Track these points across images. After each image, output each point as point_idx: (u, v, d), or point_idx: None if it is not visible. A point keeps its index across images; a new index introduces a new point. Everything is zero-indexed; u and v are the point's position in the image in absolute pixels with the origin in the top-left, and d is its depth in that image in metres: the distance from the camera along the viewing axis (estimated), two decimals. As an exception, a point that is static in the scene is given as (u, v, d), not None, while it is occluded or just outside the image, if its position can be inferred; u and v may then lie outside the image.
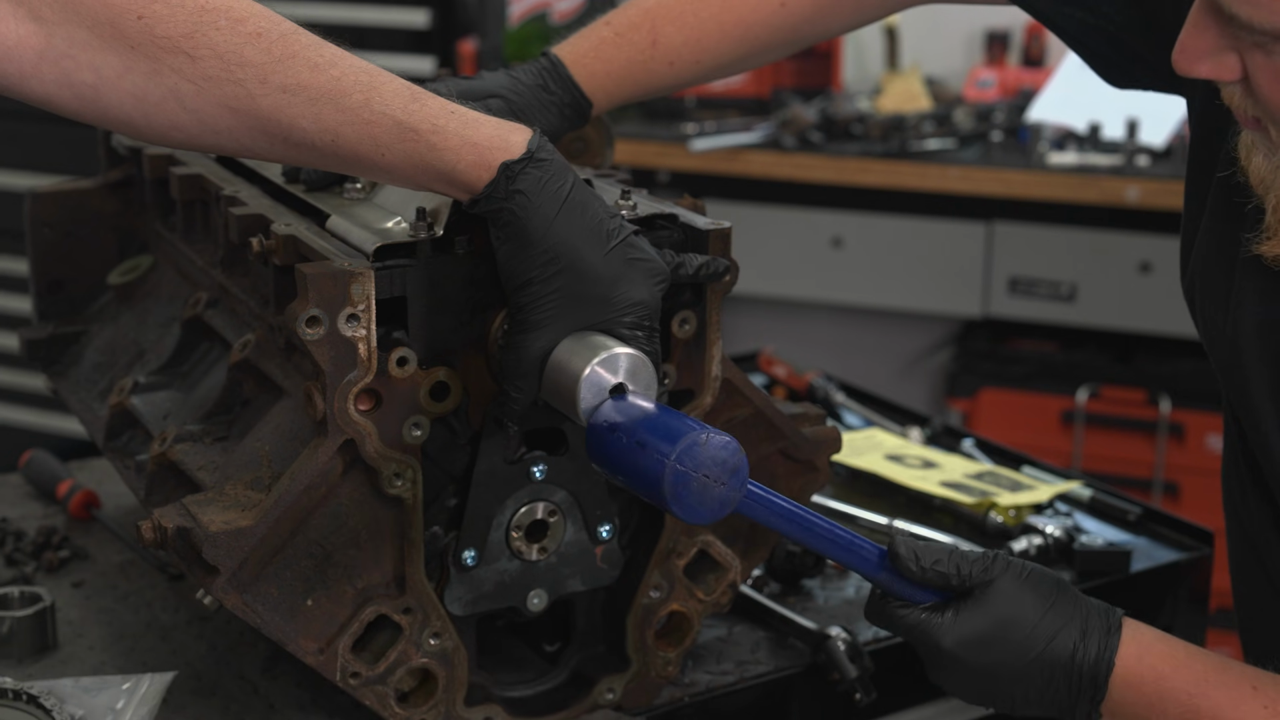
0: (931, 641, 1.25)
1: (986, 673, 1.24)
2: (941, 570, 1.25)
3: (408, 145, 1.18)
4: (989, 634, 1.23)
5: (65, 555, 1.75)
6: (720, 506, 1.16)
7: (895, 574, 1.26)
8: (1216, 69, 1.15)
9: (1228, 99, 1.18)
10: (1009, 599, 1.24)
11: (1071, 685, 1.24)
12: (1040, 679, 1.24)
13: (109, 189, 1.77)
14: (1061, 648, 1.23)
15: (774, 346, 2.43)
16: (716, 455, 1.14)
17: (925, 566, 1.25)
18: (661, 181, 3.71)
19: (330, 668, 1.30)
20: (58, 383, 1.73)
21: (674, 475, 1.13)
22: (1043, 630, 1.23)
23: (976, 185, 3.51)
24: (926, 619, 1.25)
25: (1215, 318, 1.33)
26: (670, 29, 1.59)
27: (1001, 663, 1.23)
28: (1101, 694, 1.23)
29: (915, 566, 1.25)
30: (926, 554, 1.25)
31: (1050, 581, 1.26)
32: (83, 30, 1.11)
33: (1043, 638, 1.23)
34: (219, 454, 1.39)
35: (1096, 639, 1.24)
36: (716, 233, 1.36)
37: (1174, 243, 1.43)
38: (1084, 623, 1.24)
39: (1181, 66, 1.16)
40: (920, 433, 2.16)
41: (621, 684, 1.44)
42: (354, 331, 1.23)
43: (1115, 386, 3.60)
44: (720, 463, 1.14)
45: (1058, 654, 1.23)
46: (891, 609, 1.27)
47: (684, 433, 1.14)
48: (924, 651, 1.27)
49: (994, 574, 1.25)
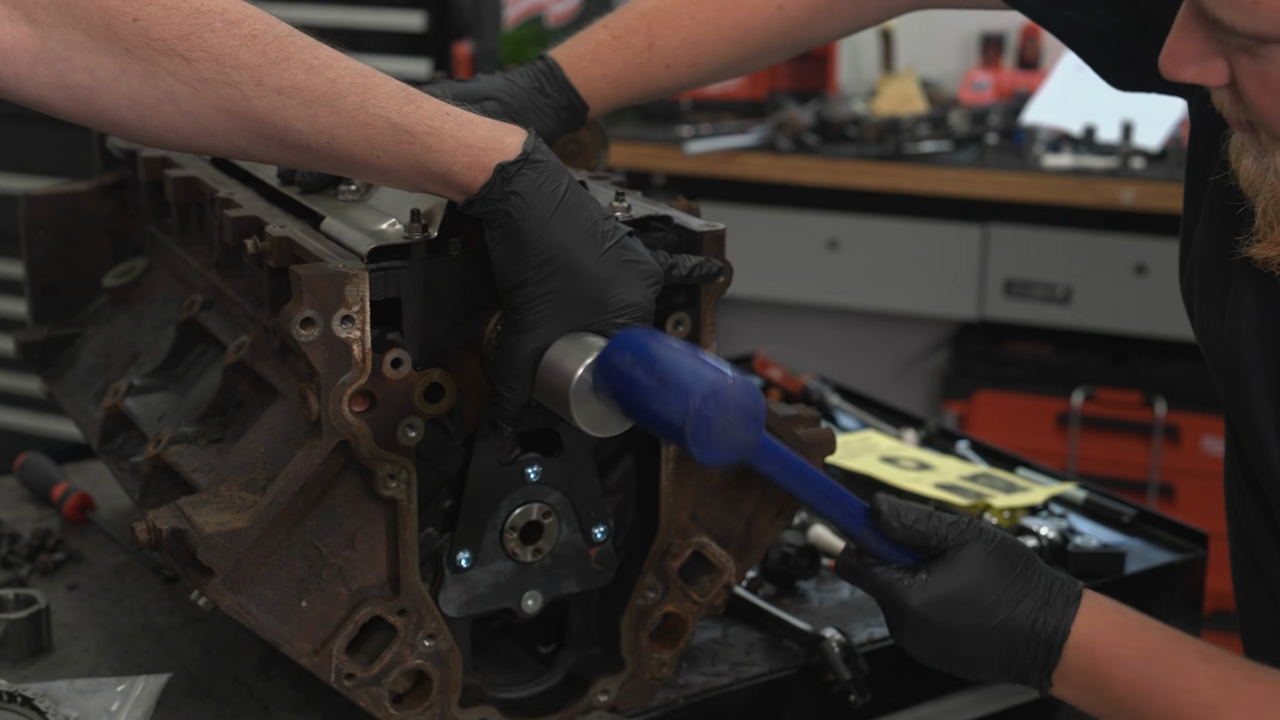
0: (900, 600, 1.26)
1: (949, 635, 1.26)
2: (920, 530, 1.26)
3: (403, 147, 1.18)
4: (956, 596, 1.25)
5: (60, 558, 1.75)
6: (737, 450, 1.17)
7: (876, 531, 1.28)
8: (1203, 73, 1.15)
9: (1217, 103, 1.19)
10: (978, 564, 1.26)
11: (1028, 652, 1.25)
12: (1001, 644, 1.25)
13: (104, 191, 1.77)
14: (1023, 615, 1.25)
15: (769, 349, 2.43)
16: (740, 401, 1.15)
17: (906, 524, 1.26)
18: (657, 184, 3.71)
19: (325, 669, 1.30)
20: (53, 385, 1.73)
21: (697, 417, 1.13)
22: (1007, 597, 1.25)
23: (972, 188, 3.51)
24: (899, 578, 1.26)
25: (1212, 321, 1.33)
26: (667, 32, 1.59)
27: (966, 626, 1.25)
28: (1055, 661, 1.25)
29: (896, 524, 1.26)
30: (908, 513, 1.27)
31: (1018, 550, 1.28)
32: (77, 33, 1.11)
33: (1007, 604, 1.25)
34: (214, 456, 1.39)
35: (1057, 609, 1.25)
36: (711, 234, 1.36)
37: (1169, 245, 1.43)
38: (1046, 592, 1.26)
39: (1168, 71, 1.16)
40: (915, 435, 2.16)
41: (616, 685, 1.44)
42: (348, 333, 1.23)
43: (1110, 389, 3.61)
44: (742, 408, 1.15)
45: (1019, 621, 1.25)
46: (865, 566, 1.29)
47: (709, 375, 1.15)
48: (891, 610, 1.28)
49: (967, 538, 1.27)
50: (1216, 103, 1.19)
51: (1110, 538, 1.85)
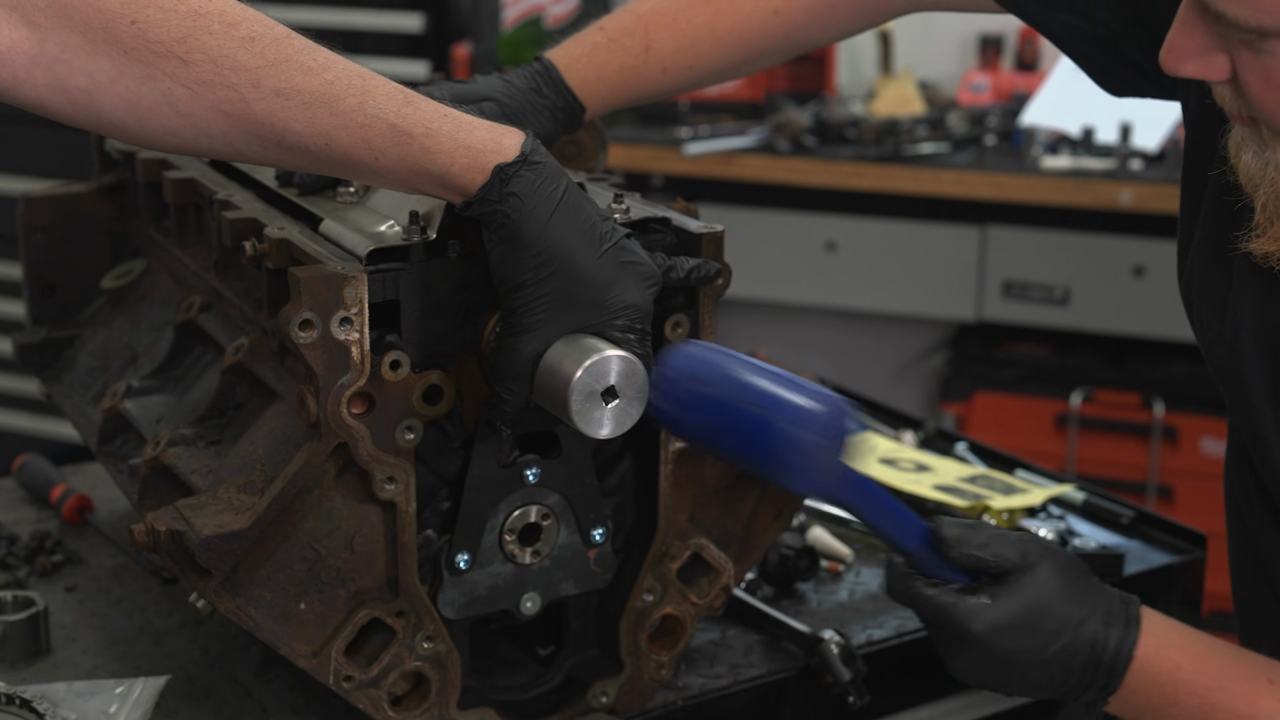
0: (960, 624, 1.22)
1: (1008, 659, 1.22)
2: (980, 555, 1.22)
3: (401, 148, 1.18)
4: (1022, 621, 1.21)
5: (58, 559, 1.75)
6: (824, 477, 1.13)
7: (934, 552, 1.23)
8: (1205, 68, 1.15)
9: (1218, 98, 1.19)
10: (1043, 586, 1.22)
11: (1088, 674, 1.23)
12: (1060, 668, 1.22)
13: (102, 193, 1.76)
14: (1085, 637, 1.22)
15: (768, 350, 2.43)
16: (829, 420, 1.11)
17: (969, 551, 1.22)
18: (655, 185, 3.71)
19: (323, 671, 1.30)
20: (51, 387, 1.73)
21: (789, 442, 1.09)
22: (1071, 619, 1.22)
23: (970, 189, 3.51)
24: (958, 601, 1.22)
25: (1213, 320, 1.33)
26: (664, 35, 1.59)
27: (1028, 650, 1.22)
28: (1116, 684, 1.23)
29: (958, 553, 1.22)
30: (970, 538, 1.22)
31: (1077, 568, 1.25)
32: (76, 35, 1.11)
33: (1070, 626, 1.22)
34: (212, 458, 1.39)
35: (1118, 630, 1.22)
36: (709, 236, 1.36)
37: (1167, 246, 1.43)
38: (1107, 613, 1.23)
39: (1170, 66, 1.16)
40: (914, 436, 2.16)
41: (615, 687, 1.44)
42: (347, 335, 1.23)
43: (1109, 390, 3.61)
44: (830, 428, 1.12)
45: (1081, 643, 1.22)
46: (919, 587, 1.24)
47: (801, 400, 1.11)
48: (948, 633, 1.23)
49: (1031, 559, 1.23)
50: (1217, 98, 1.19)
51: (1109, 539, 1.85)
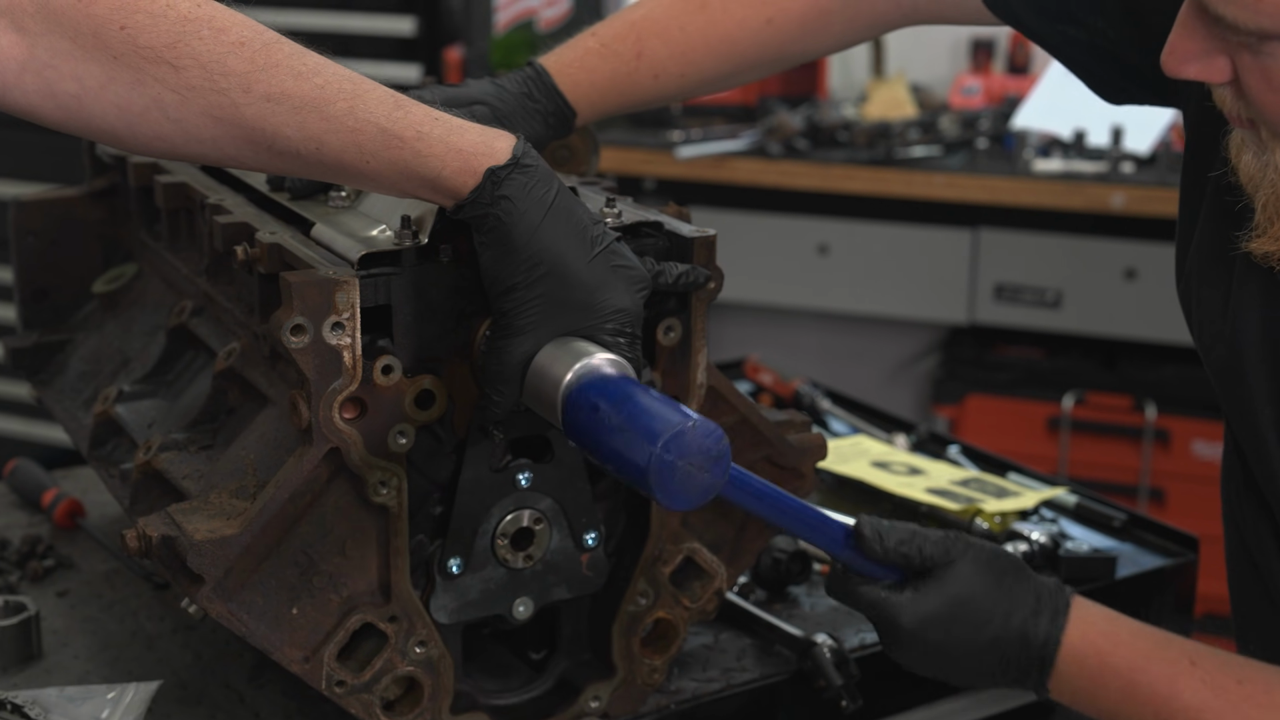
0: (890, 619, 1.28)
1: (943, 650, 1.28)
2: (904, 551, 1.28)
3: (392, 152, 1.18)
4: (946, 613, 1.27)
5: (50, 564, 1.74)
6: (703, 494, 1.15)
7: (859, 552, 1.29)
8: (1205, 70, 1.16)
9: (1219, 100, 1.19)
10: (966, 579, 1.27)
11: (1022, 662, 1.28)
12: (994, 656, 1.28)
13: (94, 197, 1.76)
14: (1014, 627, 1.27)
15: (760, 353, 2.43)
16: (702, 444, 1.13)
17: (889, 547, 1.28)
18: (648, 189, 3.72)
19: (316, 676, 1.30)
20: (42, 391, 1.73)
21: (659, 464, 1.11)
22: (998, 610, 1.27)
23: (962, 192, 3.52)
24: (886, 597, 1.28)
25: (1213, 321, 1.33)
26: (656, 42, 1.59)
27: (958, 641, 1.27)
28: (1049, 670, 1.28)
29: (879, 547, 1.28)
30: (890, 534, 1.28)
31: (1005, 561, 1.30)
32: (65, 41, 1.11)
33: (997, 617, 1.27)
34: (204, 462, 1.38)
35: (1046, 618, 1.28)
36: (701, 240, 1.36)
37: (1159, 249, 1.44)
38: (1036, 602, 1.28)
39: (1170, 68, 1.17)
40: (906, 439, 2.16)
41: (608, 692, 1.44)
42: (339, 339, 1.23)
43: (1101, 393, 3.61)
44: (705, 451, 1.13)
45: (1010, 633, 1.27)
46: (853, 585, 1.30)
47: (671, 421, 1.13)
48: (882, 628, 1.30)
49: (954, 555, 1.28)
50: (1217, 100, 1.19)
51: (1101, 542, 1.85)
